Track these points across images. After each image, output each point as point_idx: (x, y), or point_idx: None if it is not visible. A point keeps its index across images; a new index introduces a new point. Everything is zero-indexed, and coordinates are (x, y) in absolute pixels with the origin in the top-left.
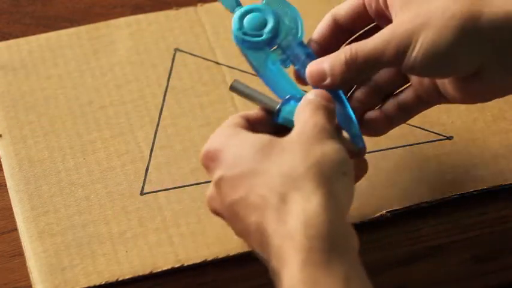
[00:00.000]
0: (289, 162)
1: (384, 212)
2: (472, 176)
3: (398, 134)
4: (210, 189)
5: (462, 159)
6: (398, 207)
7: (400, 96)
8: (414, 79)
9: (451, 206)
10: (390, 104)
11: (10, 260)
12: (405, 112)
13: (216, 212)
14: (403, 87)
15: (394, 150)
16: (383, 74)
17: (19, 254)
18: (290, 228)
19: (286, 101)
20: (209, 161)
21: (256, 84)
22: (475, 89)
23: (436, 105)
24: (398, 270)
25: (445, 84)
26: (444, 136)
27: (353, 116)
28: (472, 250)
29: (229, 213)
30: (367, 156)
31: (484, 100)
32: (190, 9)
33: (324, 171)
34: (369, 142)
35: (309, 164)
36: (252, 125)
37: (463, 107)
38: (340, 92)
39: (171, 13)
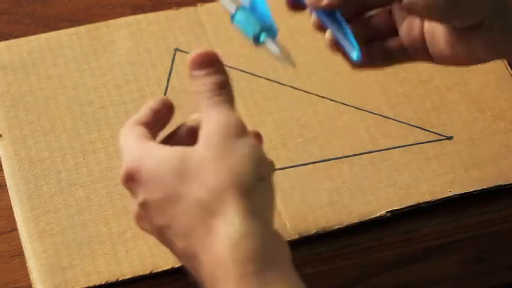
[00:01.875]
0: (205, 186)
1: (384, 212)
2: (472, 176)
3: (398, 134)
4: (135, 208)
5: (462, 159)
6: (398, 207)
7: (386, 42)
8: (403, 29)
9: (451, 206)
10: (375, 45)
11: (10, 260)
12: (387, 58)
13: (146, 230)
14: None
15: (394, 150)
16: (375, 19)
17: (19, 254)
18: (218, 255)
19: (242, 7)
20: (128, 182)
21: (258, 84)
22: (467, 46)
23: (417, 61)
24: (398, 270)
25: (437, 36)
26: (444, 136)
27: (347, 28)
28: (472, 250)
29: (158, 235)
30: (367, 156)
31: (471, 62)
32: (190, 9)
33: (239, 187)
34: (369, 142)
35: (223, 184)
36: (150, 128)
37: (463, 107)
38: (337, 14)
39: (171, 13)
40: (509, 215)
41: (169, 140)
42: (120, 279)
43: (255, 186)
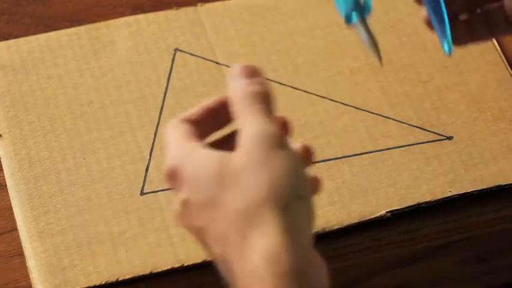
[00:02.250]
0: (243, 196)
1: (384, 212)
2: (472, 176)
3: (398, 134)
4: (176, 206)
5: (462, 159)
6: (398, 207)
7: (488, 12)
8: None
9: (451, 206)
10: (477, 16)
11: (10, 260)
12: (490, 30)
13: (184, 228)
14: (494, 3)
15: (394, 150)
16: None
17: (19, 254)
18: (254, 266)
19: None
20: (171, 179)
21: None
22: None
23: None
24: (398, 270)
25: None
26: (444, 136)
27: (446, 18)
28: (472, 250)
29: (196, 236)
30: (367, 156)
31: None
32: (190, 9)
33: (276, 200)
34: (369, 142)
35: (263, 196)
36: (198, 125)
37: (463, 107)
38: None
39: (171, 13)
40: (509, 215)
41: (223, 144)
42: (120, 279)
43: (293, 203)
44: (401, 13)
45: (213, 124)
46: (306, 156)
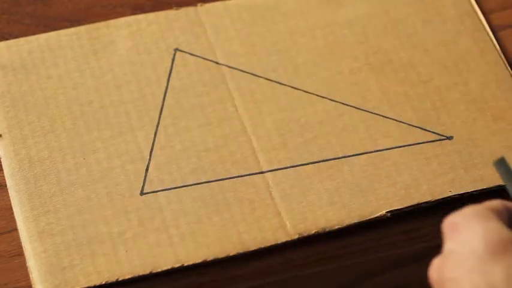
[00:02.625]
0: (504, 273)
1: (384, 212)
2: (472, 176)
3: (398, 134)
4: (439, 257)
5: (462, 159)
6: (398, 207)
7: None
8: None
9: (451, 206)
10: None
11: (10, 260)
12: None
13: (435, 279)
14: None
15: (394, 150)
16: None
17: (19, 254)
18: None
19: None
20: (448, 229)
21: (258, 84)
22: None
23: None
24: (398, 270)
25: None
26: (444, 136)
27: None
28: None
29: (438, 286)
30: (367, 156)
31: None
32: (190, 9)
33: None
34: (369, 142)
35: None
36: (510, 216)
37: (463, 107)
38: None
39: (171, 13)
40: None
41: None
42: (120, 279)
43: None
44: (401, 13)
45: None
46: None
